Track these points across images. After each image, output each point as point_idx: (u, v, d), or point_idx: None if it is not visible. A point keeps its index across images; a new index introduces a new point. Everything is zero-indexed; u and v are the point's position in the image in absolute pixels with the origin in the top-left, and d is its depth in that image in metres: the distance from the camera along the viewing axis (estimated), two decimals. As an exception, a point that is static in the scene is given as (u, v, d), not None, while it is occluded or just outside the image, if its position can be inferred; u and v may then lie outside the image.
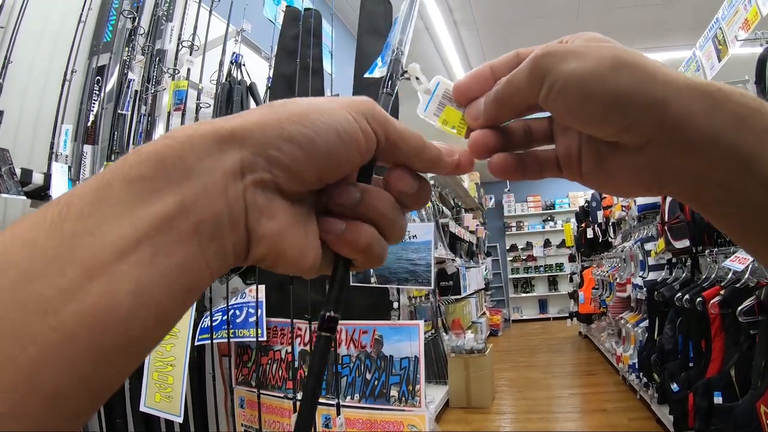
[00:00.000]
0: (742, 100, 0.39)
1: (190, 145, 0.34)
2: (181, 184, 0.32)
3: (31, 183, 1.73)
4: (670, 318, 3.95)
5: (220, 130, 0.35)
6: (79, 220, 0.29)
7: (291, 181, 0.37)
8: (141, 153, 0.33)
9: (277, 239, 0.37)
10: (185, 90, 2.35)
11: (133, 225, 0.30)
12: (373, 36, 2.11)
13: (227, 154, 0.34)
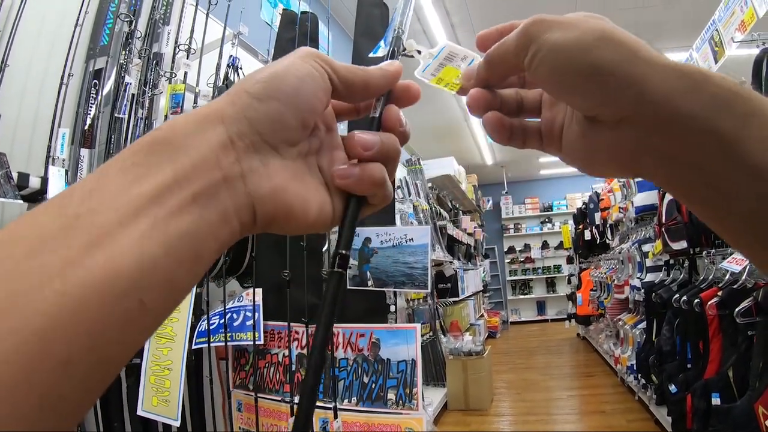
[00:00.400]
0: (723, 83, 0.39)
1: (174, 130, 0.36)
2: (171, 162, 0.34)
3: (28, 187, 1.72)
4: (668, 319, 3.96)
5: (201, 111, 0.39)
6: (81, 204, 0.31)
7: (277, 133, 0.40)
8: (133, 146, 0.36)
9: (280, 195, 0.40)
10: (182, 93, 2.35)
11: (130, 200, 0.32)
12: (370, 38, 2.11)
13: (211, 129, 0.37)
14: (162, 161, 0.34)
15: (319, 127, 0.46)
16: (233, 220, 0.37)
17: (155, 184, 0.33)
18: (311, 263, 1.98)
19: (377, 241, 1.77)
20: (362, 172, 0.44)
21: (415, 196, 5.37)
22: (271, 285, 2.04)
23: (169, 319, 1.79)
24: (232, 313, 1.99)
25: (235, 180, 0.37)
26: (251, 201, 0.38)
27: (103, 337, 0.29)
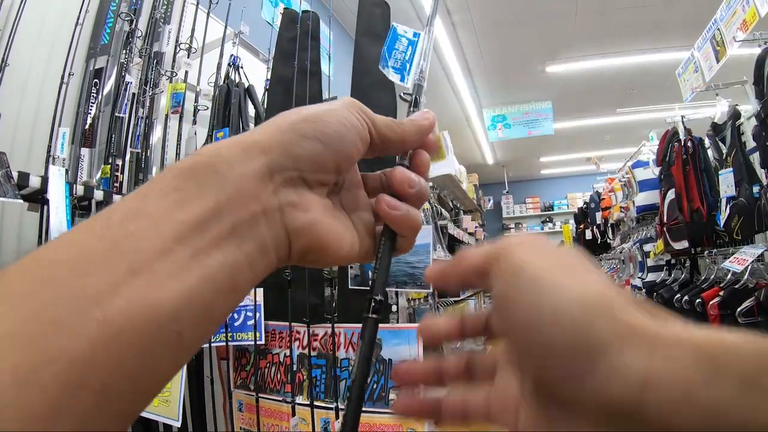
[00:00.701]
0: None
1: (219, 156, 0.36)
2: (214, 190, 0.35)
3: (29, 186, 1.72)
4: (669, 319, 3.95)
5: (244, 141, 0.39)
6: (120, 227, 0.31)
7: (315, 173, 0.41)
8: (173, 169, 0.36)
9: (315, 229, 0.41)
10: (183, 92, 2.35)
11: (170, 227, 0.32)
12: (371, 38, 2.10)
13: (254, 160, 0.37)
14: (204, 188, 0.35)
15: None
16: (270, 252, 0.38)
17: (197, 213, 0.34)
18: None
19: (379, 240, 1.76)
20: (408, 208, 0.46)
21: (416, 196, 5.36)
22: (271, 285, 2.04)
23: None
24: (233, 313, 1.98)
25: (273, 212, 0.38)
26: (287, 234, 0.39)
27: (139, 368, 0.29)
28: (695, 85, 4.55)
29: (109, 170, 2.05)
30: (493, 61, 8.08)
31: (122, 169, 2.11)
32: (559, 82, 8.71)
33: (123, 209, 0.32)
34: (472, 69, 8.26)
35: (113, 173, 2.06)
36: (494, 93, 9.29)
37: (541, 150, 12.82)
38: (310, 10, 2.31)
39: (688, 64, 4.66)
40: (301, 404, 1.84)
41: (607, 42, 7.51)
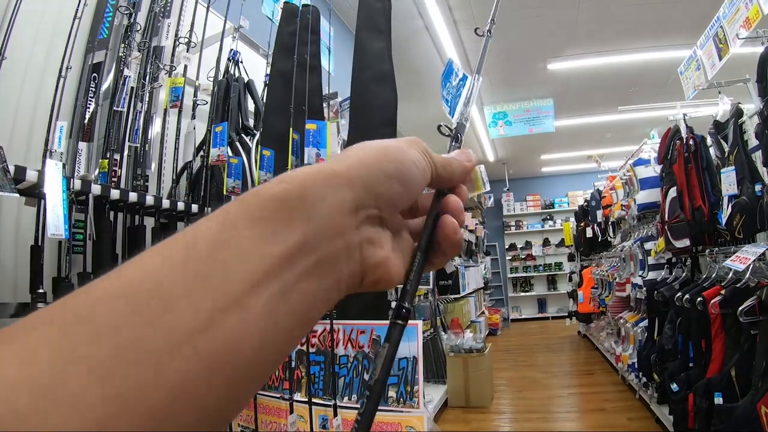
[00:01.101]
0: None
1: (306, 188, 0.37)
2: (303, 224, 0.35)
3: (25, 180, 1.71)
4: (670, 318, 3.94)
5: (323, 170, 0.39)
6: (208, 257, 0.31)
7: (391, 212, 0.44)
8: (260, 195, 0.36)
9: (387, 265, 0.43)
10: (182, 87, 2.33)
11: (261, 261, 0.32)
12: (371, 32, 2.08)
13: (341, 194, 0.39)
14: (293, 220, 0.35)
15: None
16: (343, 285, 0.39)
17: (286, 247, 0.34)
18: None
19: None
20: (461, 233, 0.50)
21: (417, 193, 5.36)
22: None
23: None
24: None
25: (354, 249, 0.39)
26: (364, 269, 0.41)
27: (226, 399, 0.30)
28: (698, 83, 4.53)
29: (107, 165, 2.03)
30: (495, 59, 8.06)
31: (120, 163, 2.10)
32: (561, 79, 8.70)
33: (209, 237, 0.32)
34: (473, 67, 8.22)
35: (111, 168, 2.04)
36: (495, 90, 9.27)
37: (542, 147, 12.81)
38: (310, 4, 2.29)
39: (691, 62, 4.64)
40: (299, 401, 1.83)
41: (610, 39, 7.50)
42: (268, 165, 2.03)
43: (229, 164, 2.09)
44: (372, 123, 2.00)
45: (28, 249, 1.89)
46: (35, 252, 1.79)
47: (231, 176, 2.09)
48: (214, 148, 2.08)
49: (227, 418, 0.31)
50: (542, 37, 7.46)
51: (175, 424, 0.27)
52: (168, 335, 0.27)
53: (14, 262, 2.03)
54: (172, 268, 0.30)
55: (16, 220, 2.07)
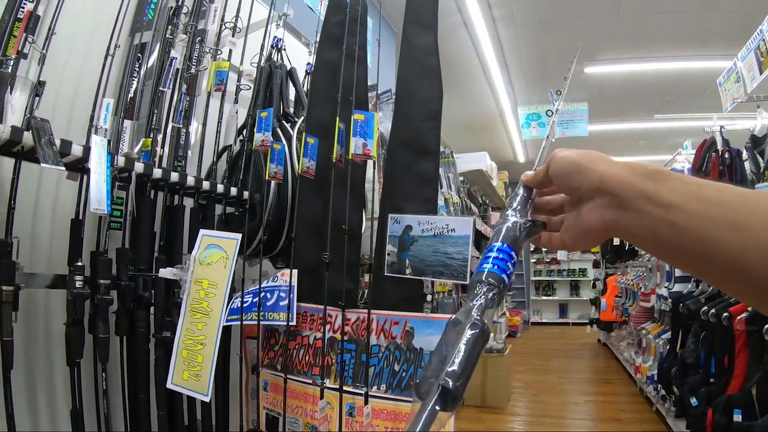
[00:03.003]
0: (644, 167, 0.59)
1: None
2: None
3: (70, 154, 1.73)
4: (694, 331, 3.91)
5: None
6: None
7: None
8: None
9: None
10: (226, 71, 2.35)
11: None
12: (418, 26, 2.09)
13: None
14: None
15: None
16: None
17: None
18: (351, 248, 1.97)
19: (418, 229, 1.76)
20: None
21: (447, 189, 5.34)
22: (306, 266, 2.04)
23: (207, 293, 1.81)
24: (266, 293, 1.99)
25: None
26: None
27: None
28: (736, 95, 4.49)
29: (150, 143, 2.06)
30: (532, 59, 8.01)
31: (163, 143, 2.13)
32: (597, 83, 8.62)
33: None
34: (509, 65, 8.20)
35: (153, 147, 2.07)
36: (530, 91, 9.22)
37: (573, 150, 12.71)
38: (357, -5, 2.30)
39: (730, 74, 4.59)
40: (330, 388, 1.85)
41: (648, 46, 7.42)
42: (312, 152, 2.05)
43: (272, 150, 2.11)
44: (415, 117, 2.01)
45: (64, 223, 1.92)
46: (75, 225, 1.82)
47: (273, 161, 2.11)
48: (258, 133, 2.10)
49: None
50: (580, 40, 7.40)
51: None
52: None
53: (50, 234, 2.07)
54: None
55: (54, 194, 2.11)
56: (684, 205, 0.52)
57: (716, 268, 0.51)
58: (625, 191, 0.57)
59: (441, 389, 0.51)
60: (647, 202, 0.54)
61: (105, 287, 1.79)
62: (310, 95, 2.38)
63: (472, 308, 0.58)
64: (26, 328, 1.88)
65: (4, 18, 1.71)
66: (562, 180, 0.66)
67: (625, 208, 0.57)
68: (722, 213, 0.49)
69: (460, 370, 0.52)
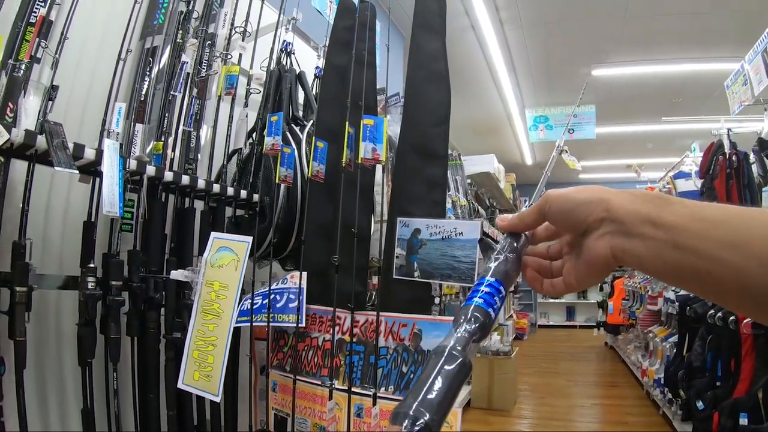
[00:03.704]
0: (646, 194, 0.61)
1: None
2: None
3: (83, 158, 1.76)
4: (701, 335, 3.91)
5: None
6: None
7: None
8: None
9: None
10: (236, 75, 2.38)
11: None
12: (427, 32, 2.11)
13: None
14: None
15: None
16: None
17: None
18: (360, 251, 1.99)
19: (426, 232, 1.78)
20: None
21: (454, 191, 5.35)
22: (315, 269, 2.06)
23: (218, 295, 1.83)
24: (276, 295, 2.01)
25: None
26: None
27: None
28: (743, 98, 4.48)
29: (161, 147, 2.09)
30: (539, 61, 8.01)
31: (174, 146, 2.15)
32: (605, 86, 8.61)
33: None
34: (517, 67, 8.20)
35: (165, 150, 2.09)
36: (538, 93, 9.22)
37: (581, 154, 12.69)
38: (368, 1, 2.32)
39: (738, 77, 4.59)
40: (338, 389, 1.86)
41: (656, 48, 7.41)
42: (321, 156, 2.06)
43: (282, 153, 2.13)
44: (424, 121, 2.03)
45: (75, 225, 1.95)
46: (88, 228, 1.85)
47: (283, 165, 2.13)
48: (268, 137, 2.12)
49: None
50: (588, 42, 7.40)
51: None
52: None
53: (61, 236, 2.09)
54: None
55: (66, 196, 2.14)
56: (686, 226, 0.54)
57: (720, 286, 0.53)
58: (630, 217, 0.58)
59: (414, 422, 0.47)
60: (651, 225, 0.56)
61: (117, 288, 1.81)
62: (319, 99, 2.40)
63: (456, 340, 0.57)
64: (37, 328, 1.90)
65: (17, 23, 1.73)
66: (564, 216, 0.66)
67: (631, 234, 0.58)
68: (723, 232, 0.52)
69: (437, 402, 0.49)
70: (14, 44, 1.69)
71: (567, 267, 0.69)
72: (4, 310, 1.56)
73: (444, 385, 0.50)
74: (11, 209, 1.68)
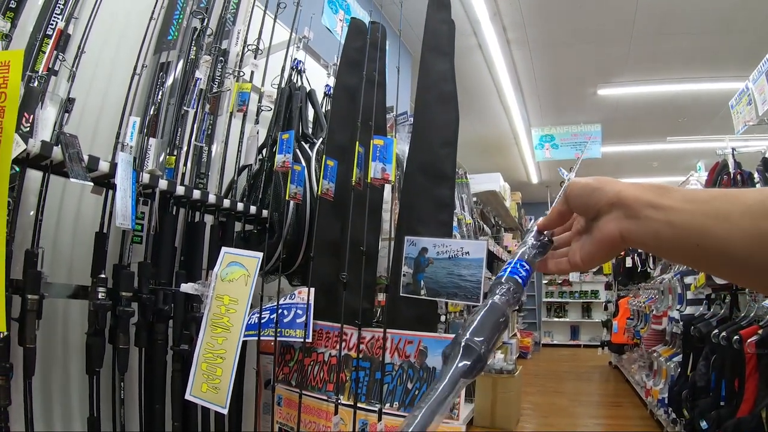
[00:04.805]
0: (652, 186, 0.68)
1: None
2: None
3: (97, 170, 1.78)
4: (705, 354, 3.90)
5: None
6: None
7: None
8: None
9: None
10: (248, 92, 2.41)
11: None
12: (436, 54, 2.14)
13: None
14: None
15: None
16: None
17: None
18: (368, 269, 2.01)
19: (433, 251, 1.80)
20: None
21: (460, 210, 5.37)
22: (323, 285, 2.08)
23: (227, 309, 1.85)
24: (283, 310, 2.03)
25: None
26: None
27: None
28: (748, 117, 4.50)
29: (173, 161, 2.12)
30: (545, 81, 8.07)
31: (186, 161, 2.18)
32: (610, 105, 8.66)
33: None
34: (523, 87, 8.26)
35: (177, 164, 2.12)
36: (544, 112, 9.27)
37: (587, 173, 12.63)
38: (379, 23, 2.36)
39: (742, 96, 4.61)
40: (343, 404, 1.88)
41: (661, 68, 7.45)
42: (331, 175, 2.09)
43: (292, 171, 2.15)
44: (433, 142, 2.05)
45: (86, 235, 1.98)
46: (100, 239, 1.87)
47: (294, 182, 2.16)
48: (279, 155, 2.14)
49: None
50: (594, 62, 7.45)
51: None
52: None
53: (72, 246, 2.12)
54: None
55: (77, 207, 2.17)
56: (679, 206, 0.63)
57: (709, 257, 0.62)
58: (636, 203, 0.66)
59: (465, 348, 0.62)
60: (651, 208, 0.65)
61: (127, 299, 1.84)
62: (330, 118, 2.43)
63: (496, 295, 0.70)
64: (45, 336, 1.92)
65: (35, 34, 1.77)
66: (582, 200, 0.74)
67: (636, 217, 0.66)
68: (709, 208, 0.60)
69: (484, 335, 0.63)
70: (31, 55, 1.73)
71: (573, 248, 0.79)
72: (15, 317, 1.58)
73: (489, 323, 0.65)
74: (23, 218, 1.71)
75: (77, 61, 1.86)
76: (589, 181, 0.74)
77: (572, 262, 0.79)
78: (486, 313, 0.67)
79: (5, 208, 1.45)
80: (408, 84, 4.83)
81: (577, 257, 0.77)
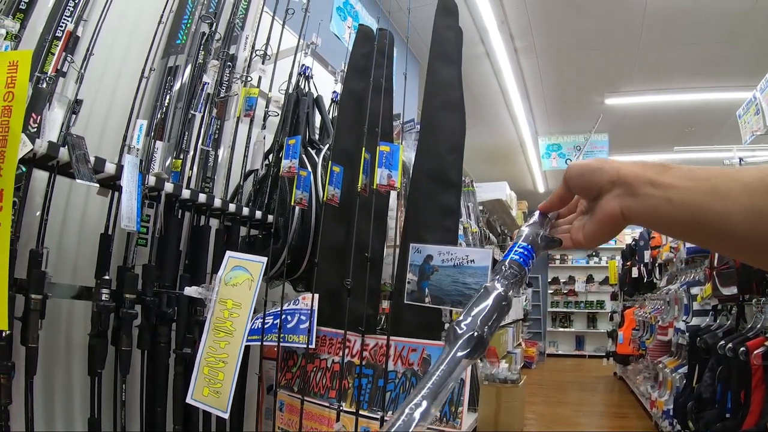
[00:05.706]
0: (652, 164, 0.70)
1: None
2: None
3: (103, 172, 1.79)
4: (711, 366, 3.87)
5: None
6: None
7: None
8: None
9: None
10: (255, 98, 2.41)
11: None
12: (443, 61, 2.14)
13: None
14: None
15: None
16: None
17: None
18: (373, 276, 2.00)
19: (438, 259, 1.79)
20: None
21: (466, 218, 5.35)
22: (327, 291, 2.08)
23: (231, 313, 1.85)
24: (287, 315, 2.02)
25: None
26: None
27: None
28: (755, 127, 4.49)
29: (180, 164, 2.12)
30: (553, 90, 8.06)
31: (192, 164, 2.18)
32: (618, 114, 8.64)
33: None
34: (530, 95, 8.25)
35: (183, 168, 2.13)
36: (551, 121, 9.26)
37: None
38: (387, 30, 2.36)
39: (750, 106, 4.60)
40: (346, 411, 1.87)
41: (669, 77, 7.44)
42: (337, 181, 2.09)
43: (298, 176, 2.15)
44: (439, 149, 2.05)
45: (90, 236, 1.98)
46: (105, 240, 1.88)
47: (299, 188, 2.16)
48: (286, 160, 2.15)
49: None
50: (602, 71, 7.44)
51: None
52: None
53: (76, 247, 2.13)
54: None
55: (83, 208, 2.17)
56: (678, 184, 0.64)
57: (707, 233, 0.63)
58: (636, 180, 0.68)
59: (468, 336, 0.65)
60: (651, 186, 0.66)
61: (130, 301, 1.84)
62: (336, 124, 2.43)
63: (498, 281, 0.74)
64: (47, 336, 1.93)
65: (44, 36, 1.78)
66: (581, 179, 0.76)
67: (637, 194, 0.68)
68: (708, 185, 0.62)
69: (484, 321, 0.67)
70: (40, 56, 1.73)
71: (576, 227, 0.81)
72: (18, 316, 1.58)
73: (490, 309, 0.69)
74: (28, 217, 1.71)
75: (86, 63, 1.87)
76: (589, 162, 0.75)
77: (574, 239, 0.81)
78: (482, 297, 0.71)
79: (11, 208, 1.45)
80: (415, 91, 4.83)
81: (580, 235, 0.80)
